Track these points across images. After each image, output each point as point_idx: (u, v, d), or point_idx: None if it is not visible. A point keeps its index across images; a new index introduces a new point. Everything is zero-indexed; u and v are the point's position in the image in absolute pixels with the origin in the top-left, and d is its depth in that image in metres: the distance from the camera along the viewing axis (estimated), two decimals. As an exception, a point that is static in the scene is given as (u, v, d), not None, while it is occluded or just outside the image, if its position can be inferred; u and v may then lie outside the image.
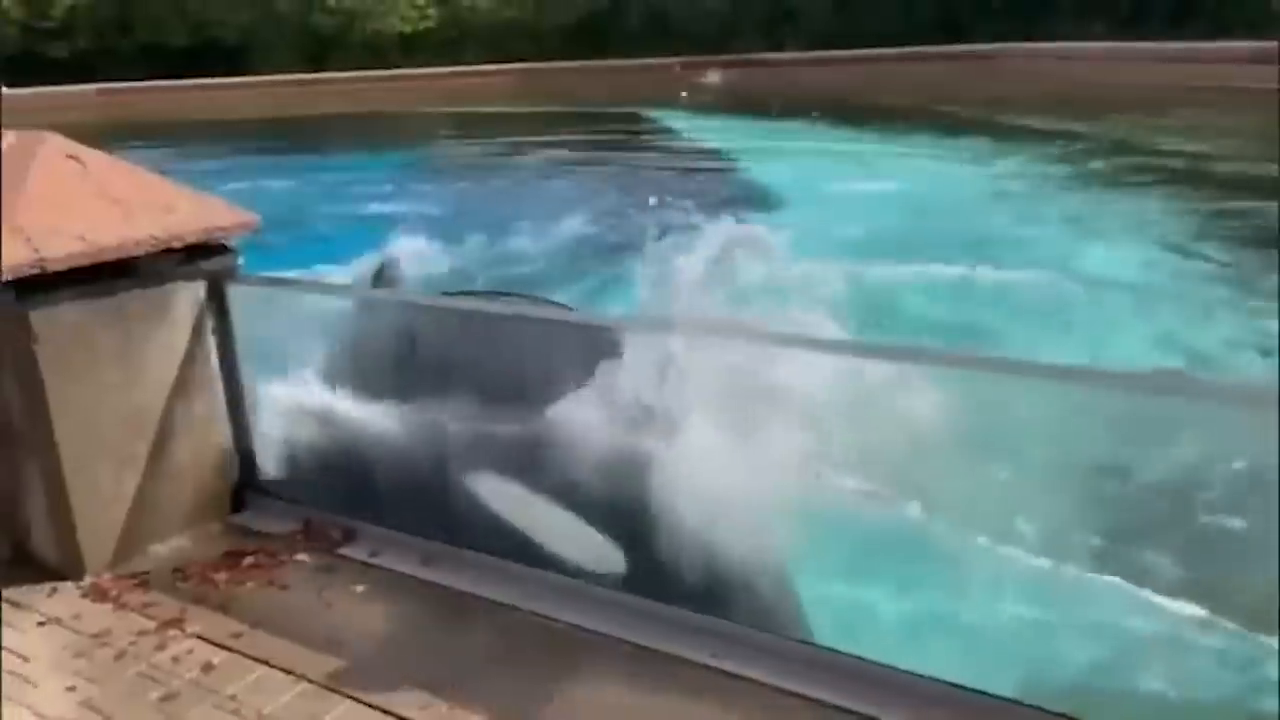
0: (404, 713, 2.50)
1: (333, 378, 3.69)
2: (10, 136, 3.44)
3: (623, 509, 3.18)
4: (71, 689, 2.67)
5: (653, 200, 10.39)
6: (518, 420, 3.41)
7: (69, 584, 3.14)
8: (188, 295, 3.39)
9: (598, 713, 2.49)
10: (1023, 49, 18.30)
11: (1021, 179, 11.35)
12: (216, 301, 3.45)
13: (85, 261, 3.06)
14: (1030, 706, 2.35)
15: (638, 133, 16.95)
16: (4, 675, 2.73)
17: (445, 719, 2.47)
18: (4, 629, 2.94)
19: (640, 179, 12.41)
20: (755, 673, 2.58)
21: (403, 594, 3.04)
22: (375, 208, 11.58)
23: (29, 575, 3.20)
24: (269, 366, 3.74)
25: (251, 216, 3.54)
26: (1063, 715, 2.29)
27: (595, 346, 3.37)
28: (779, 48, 23.79)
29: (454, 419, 3.39)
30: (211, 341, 3.46)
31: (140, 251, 3.20)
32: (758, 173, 12.49)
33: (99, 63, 27.56)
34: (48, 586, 3.14)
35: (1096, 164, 12.06)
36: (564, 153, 15.48)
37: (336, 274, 6.11)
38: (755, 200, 10.93)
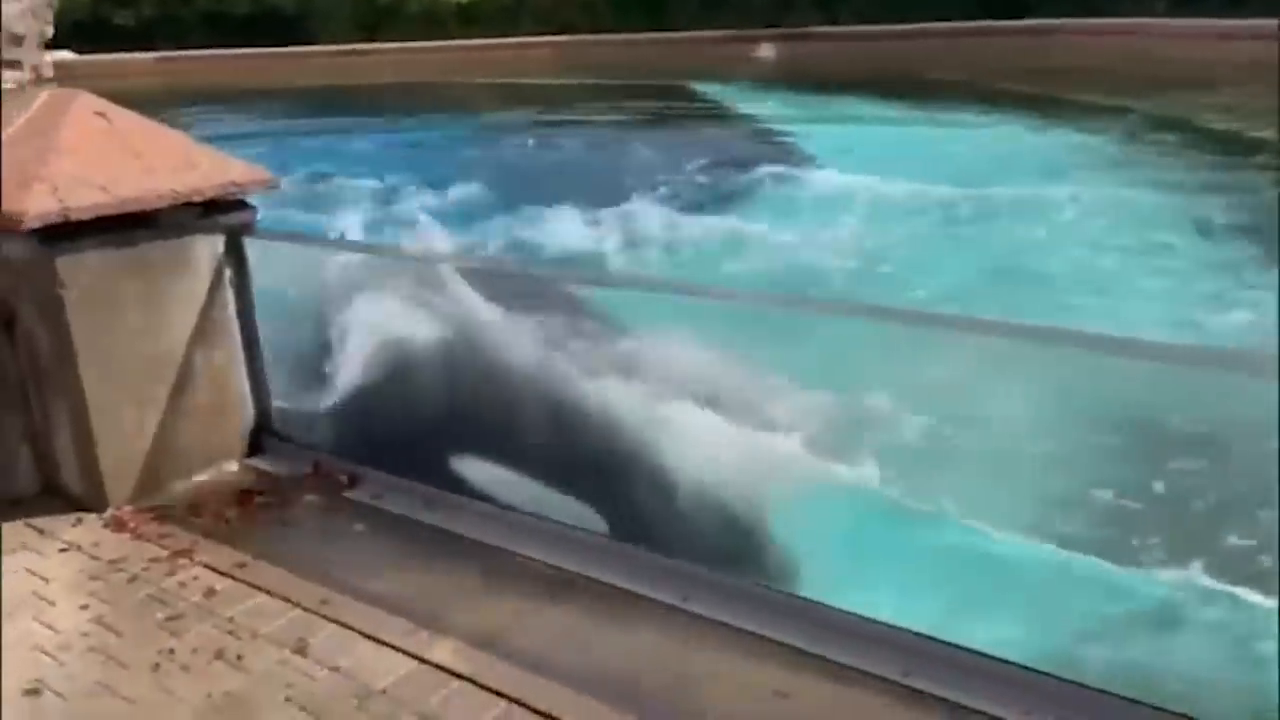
0: (385, 638, 2.66)
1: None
2: (45, 94, 3.64)
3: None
4: (85, 607, 2.88)
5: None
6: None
7: (92, 515, 3.36)
8: (207, 247, 3.57)
9: (563, 643, 2.62)
10: (1084, 24, 17.91)
11: (1063, 152, 11.21)
12: (235, 254, 3.63)
13: (108, 212, 3.24)
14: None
15: (688, 106, 16.94)
16: (27, 595, 2.94)
17: (423, 645, 2.63)
18: (30, 554, 3.17)
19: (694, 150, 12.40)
20: (724, 615, 2.69)
21: (399, 534, 3.20)
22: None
23: (57, 506, 3.42)
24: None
25: (269, 174, 3.70)
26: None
27: None
28: (834, 22, 23.51)
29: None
30: (230, 292, 3.64)
31: (161, 204, 3.38)
32: (804, 146, 12.45)
33: (162, 30, 28.10)
34: (73, 517, 3.36)
35: (1145, 138, 11.85)
36: (614, 121, 15.57)
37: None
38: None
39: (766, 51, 21.56)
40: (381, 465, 3.51)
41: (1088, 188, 9.31)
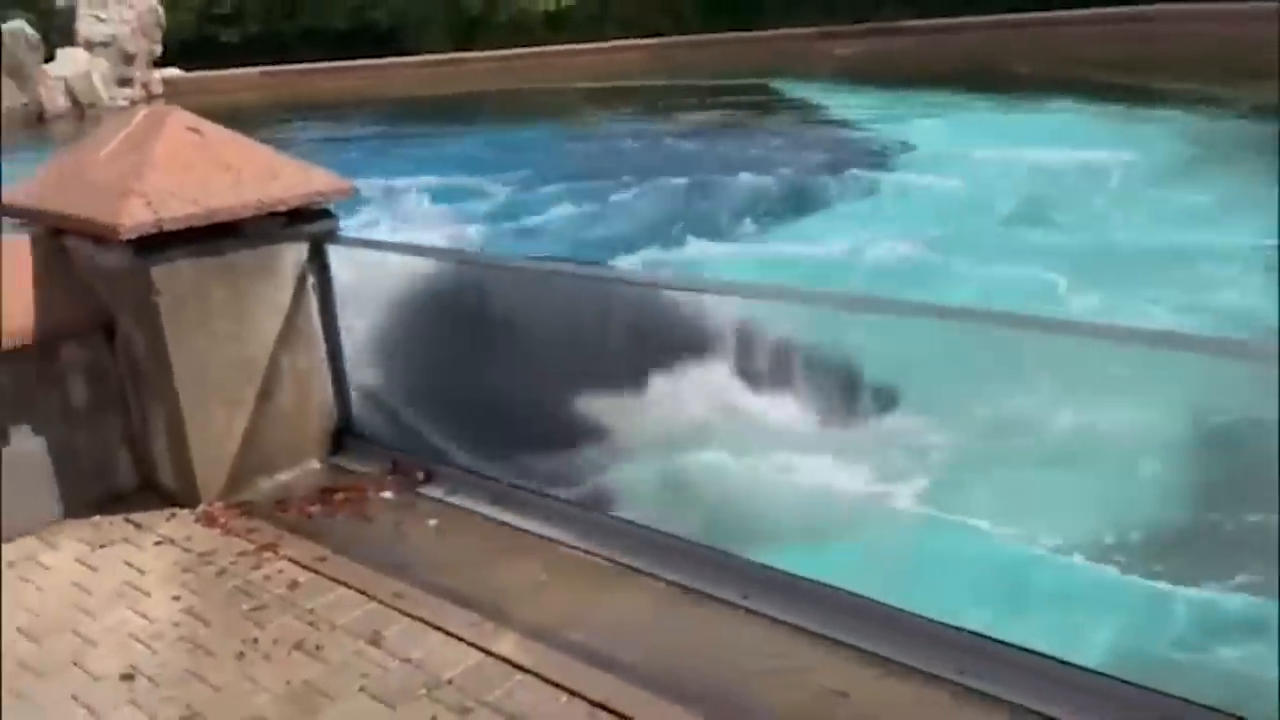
0: (455, 630, 2.75)
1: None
2: (143, 111, 3.84)
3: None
4: (176, 598, 3.04)
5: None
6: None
7: (185, 511, 3.54)
8: (292, 255, 3.72)
9: (623, 637, 2.67)
10: (1179, 10, 17.29)
11: (1155, 146, 10.81)
12: (317, 261, 3.77)
13: (199, 222, 3.41)
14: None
15: (768, 105, 16.87)
16: (123, 585, 3.13)
17: (490, 637, 2.71)
18: (128, 547, 3.36)
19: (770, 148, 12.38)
20: (784, 613, 2.71)
21: (469, 528, 3.30)
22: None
23: (153, 502, 3.62)
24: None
25: (349, 184, 3.85)
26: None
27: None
28: (923, 15, 23.13)
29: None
30: (313, 297, 3.79)
31: (248, 214, 3.54)
32: (888, 143, 12.29)
33: (265, 46, 29.15)
34: (167, 512, 3.54)
35: (1243, 130, 11.36)
36: (697, 120, 15.61)
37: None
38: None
39: (853, 47, 21.31)
40: (454, 462, 3.61)
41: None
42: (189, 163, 3.52)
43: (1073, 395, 3.80)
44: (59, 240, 3.66)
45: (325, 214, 3.81)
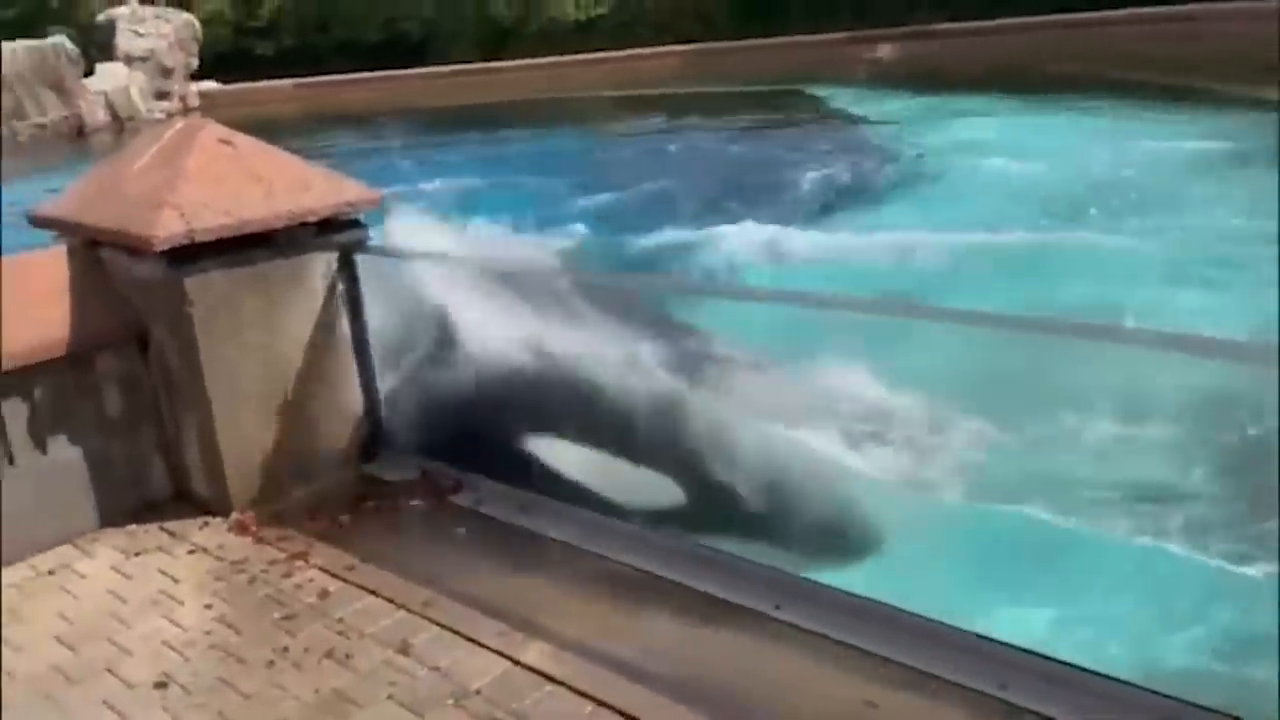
0: (483, 640, 2.75)
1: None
2: (177, 124, 3.89)
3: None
4: (209, 606, 3.06)
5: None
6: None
7: (218, 519, 3.56)
8: (322, 264, 3.74)
9: (652, 648, 2.65)
10: (1219, 10, 17.02)
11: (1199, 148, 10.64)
12: (347, 270, 3.79)
13: (231, 233, 3.44)
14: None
15: (800, 110, 16.82)
16: (157, 593, 3.15)
17: (518, 646, 2.71)
18: (162, 555, 3.39)
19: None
20: (815, 624, 2.68)
21: (498, 538, 3.30)
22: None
23: (186, 511, 3.65)
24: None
25: (378, 194, 3.87)
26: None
27: None
28: (956, 18, 22.97)
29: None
30: (343, 307, 3.81)
31: (280, 224, 3.57)
32: (915, 148, 12.20)
33: (300, 59, 29.50)
34: (200, 520, 3.57)
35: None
36: (738, 124, 15.61)
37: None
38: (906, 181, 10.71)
39: (887, 51, 21.20)
40: (484, 471, 3.61)
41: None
42: (221, 174, 3.55)
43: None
44: (95, 252, 3.70)
45: (355, 224, 3.83)
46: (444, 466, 3.71)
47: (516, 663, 2.64)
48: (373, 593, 3.05)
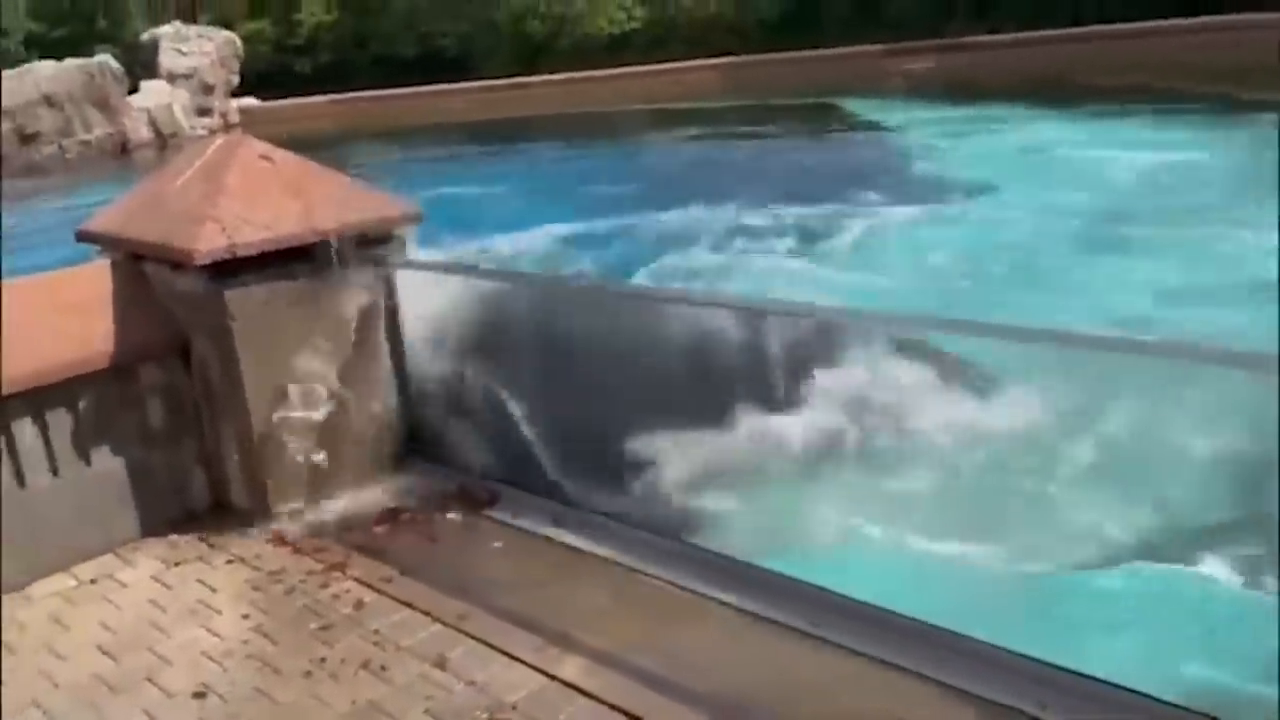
0: (518, 654, 2.75)
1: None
2: (218, 140, 3.95)
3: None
4: (246, 616, 3.09)
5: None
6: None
7: (256, 530, 3.59)
8: (360, 278, 3.77)
9: (688, 664, 2.64)
10: (1261, 19, 16.76)
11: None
12: (385, 284, 3.82)
13: (271, 248, 3.49)
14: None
15: (831, 124, 16.78)
16: (196, 603, 3.18)
17: (554, 661, 2.70)
18: (201, 565, 3.42)
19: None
20: (853, 641, 2.65)
21: (533, 551, 3.30)
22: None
23: (226, 522, 3.69)
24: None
25: (417, 209, 3.90)
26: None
27: None
28: (995, 30, 22.83)
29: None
30: (381, 320, 3.84)
31: (318, 239, 3.60)
32: (950, 163, 12.12)
33: (337, 75, 29.89)
34: (239, 531, 3.60)
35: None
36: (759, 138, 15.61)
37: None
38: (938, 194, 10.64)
39: (923, 63, 21.09)
40: (519, 484, 3.62)
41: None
42: (261, 190, 3.60)
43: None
44: (138, 266, 3.76)
45: (393, 238, 3.86)
46: (479, 479, 3.72)
47: (552, 677, 2.64)
48: (408, 605, 3.06)
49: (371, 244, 3.79)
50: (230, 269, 3.43)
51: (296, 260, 3.59)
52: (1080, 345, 2.37)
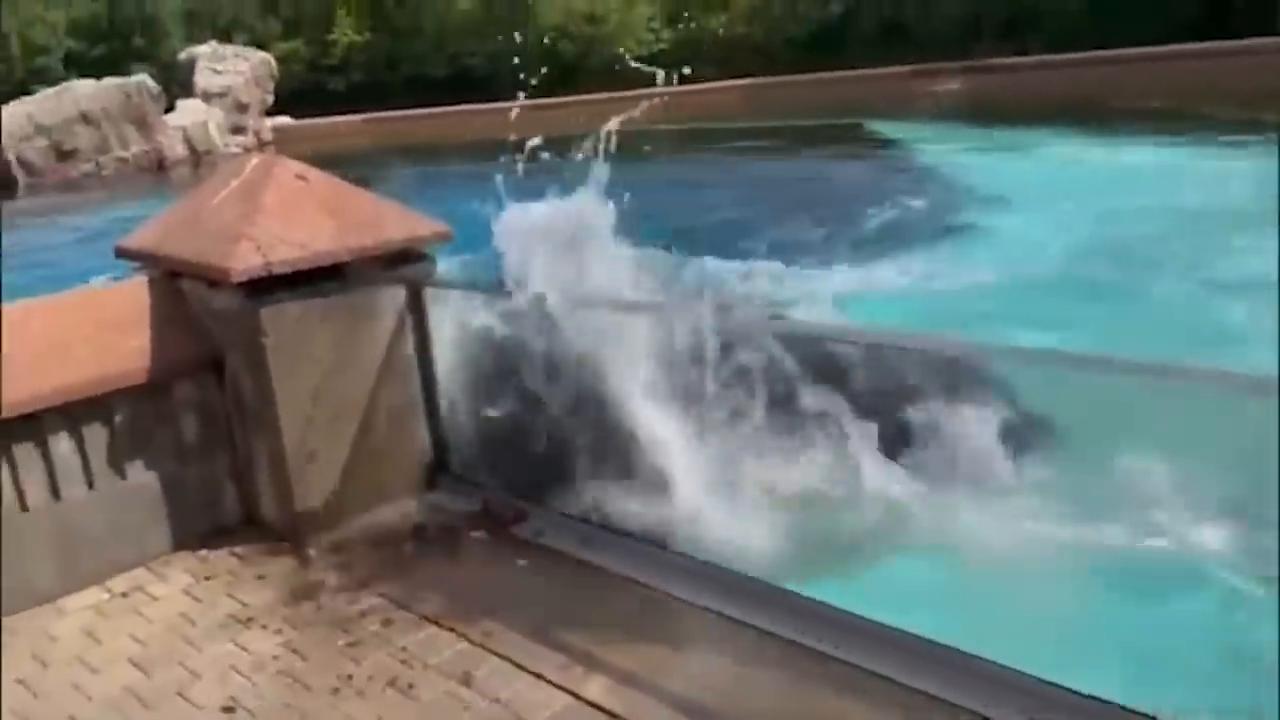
0: (543, 672, 2.75)
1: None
2: (254, 160, 4.01)
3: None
4: (277, 631, 3.11)
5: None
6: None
7: (286, 545, 3.63)
8: (391, 297, 3.82)
9: (711, 686, 2.64)
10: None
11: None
12: (415, 303, 3.86)
13: (304, 266, 3.53)
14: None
15: (858, 144, 16.78)
16: (226, 618, 3.22)
17: (579, 680, 2.71)
18: (232, 580, 3.46)
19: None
20: (876, 665, 2.64)
21: (559, 570, 3.31)
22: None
23: (256, 537, 3.72)
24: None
25: (447, 228, 3.94)
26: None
27: None
28: (1023, 52, 22.80)
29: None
30: (411, 339, 3.88)
31: (351, 258, 3.65)
32: (974, 184, 12.09)
33: (370, 94, 30.26)
34: (269, 546, 3.64)
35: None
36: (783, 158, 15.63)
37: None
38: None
39: (949, 85, 21.06)
40: (545, 503, 3.64)
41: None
42: (297, 209, 3.65)
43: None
44: (175, 283, 3.82)
45: (423, 257, 3.91)
46: (506, 497, 3.74)
47: (577, 696, 2.64)
48: (435, 622, 3.08)
49: (404, 262, 3.83)
50: (265, 286, 3.48)
51: (330, 278, 3.63)
52: (1066, 365, 2.35)
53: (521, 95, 4.52)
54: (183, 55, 23.57)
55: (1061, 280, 7.48)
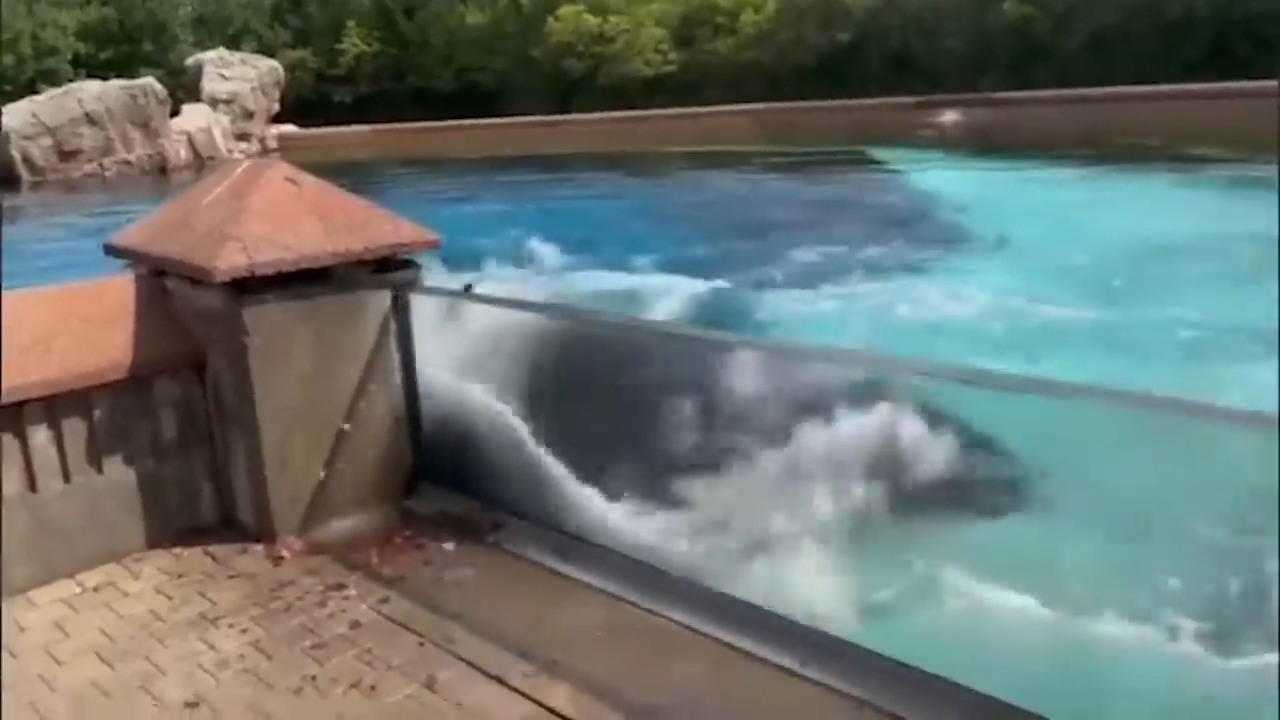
0: (507, 679, 2.76)
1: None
2: (246, 163, 4.04)
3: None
4: (245, 631, 3.11)
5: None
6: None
7: (260, 546, 3.63)
8: (375, 302, 3.83)
9: (675, 697, 2.64)
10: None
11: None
12: (400, 308, 3.88)
13: (289, 268, 3.55)
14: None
15: (861, 173, 16.89)
16: (196, 616, 3.22)
17: (542, 688, 2.71)
18: (204, 579, 3.46)
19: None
20: (840, 682, 2.64)
21: (530, 579, 3.32)
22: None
23: (231, 537, 3.73)
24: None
25: (434, 235, 3.96)
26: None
27: None
28: (1027, 87, 22.95)
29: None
30: (394, 344, 3.89)
31: (336, 261, 3.67)
32: (972, 215, 12.16)
33: (376, 106, 30.44)
34: (243, 546, 3.64)
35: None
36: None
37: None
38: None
39: (953, 117, 21.21)
40: (521, 513, 3.64)
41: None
42: (284, 212, 3.67)
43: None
44: (160, 281, 3.84)
45: (409, 263, 3.93)
46: (480, 506, 3.75)
47: (541, 705, 2.64)
48: (403, 626, 3.08)
49: (390, 268, 3.85)
50: (249, 287, 3.50)
51: (315, 281, 3.65)
52: (1064, 394, 2.37)
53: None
54: (190, 61, 23.74)
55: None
